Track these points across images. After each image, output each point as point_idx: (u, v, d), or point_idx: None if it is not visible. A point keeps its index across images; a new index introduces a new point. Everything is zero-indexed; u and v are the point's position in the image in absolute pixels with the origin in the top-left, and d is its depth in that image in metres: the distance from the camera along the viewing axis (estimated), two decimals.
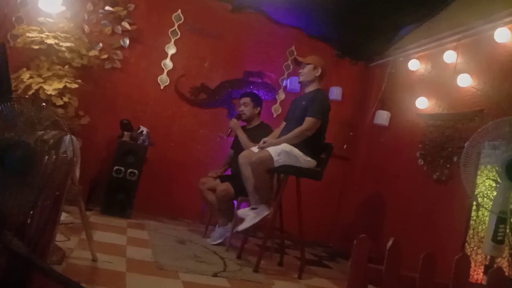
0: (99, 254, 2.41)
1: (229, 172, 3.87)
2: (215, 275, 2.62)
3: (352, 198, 4.69)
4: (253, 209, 2.95)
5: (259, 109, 3.81)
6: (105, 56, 4.12)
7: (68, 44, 3.60)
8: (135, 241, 3.06)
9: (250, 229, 3.05)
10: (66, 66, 3.68)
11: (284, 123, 3.36)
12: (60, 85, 3.50)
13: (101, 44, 4.12)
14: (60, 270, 2.01)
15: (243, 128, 3.74)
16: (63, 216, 3.13)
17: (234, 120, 3.74)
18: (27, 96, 3.39)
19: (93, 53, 3.88)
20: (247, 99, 3.80)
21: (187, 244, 3.29)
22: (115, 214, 3.73)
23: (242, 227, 2.95)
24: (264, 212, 2.91)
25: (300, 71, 3.26)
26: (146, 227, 3.60)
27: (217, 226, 3.55)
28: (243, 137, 3.59)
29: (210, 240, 3.50)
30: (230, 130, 3.76)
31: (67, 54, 3.62)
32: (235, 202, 3.50)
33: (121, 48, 4.25)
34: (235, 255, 3.21)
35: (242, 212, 3.02)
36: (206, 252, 3.16)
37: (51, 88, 3.47)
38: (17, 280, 1.65)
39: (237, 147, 3.67)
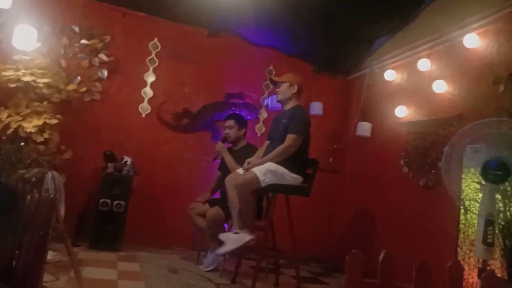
0: None
1: (217, 195, 3.85)
2: None
3: (343, 210, 4.69)
4: (236, 233, 2.92)
5: (244, 130, 3.83)
6: (84, 89, 4.09)
7: (45, 80, 3.56)
8: (126, 275, 2.99)
9: (231, 253, 3.02)
10: (44, 102, 3.64)
11: (267, 142, 3.37)
12: (40, 122, 3.46)
13: (79, 78, 4.10)
14: None
15: (229, 150, 3.74)
16: (51, 255, 3.05)
17: (220, 144, 3.74)
18: (4, 137, 3.35)
19: (71, 87, 3.86)
20: (231, 122, 3.81)
21: (179, 273, 3.23)
22: (104, 248, 3.64)
23: (222, 250, 2.91)
24: (245, 237, 2.86)
25: (277, 90, 3.30)
26: (137, 259, 3.53)
27: (209, 251, 3.50)
28: (230, 161, 3.58)
29: (203, 267, 3.45)
30: (216, 154, 3.75)
31: (45, 90, 3.58)
32: (225, 225, 3.46)
33: (100, 79, 4.23)
34: (229, 280, 3.16)
35: (225, 236, 2.97)
36: (200, 280, 3.10)
37: (30, 125, 3.43)
38: None
39: (224, 169, 3.66)
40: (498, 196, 2.33)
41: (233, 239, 2.87)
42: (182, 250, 4.16)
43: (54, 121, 3.51)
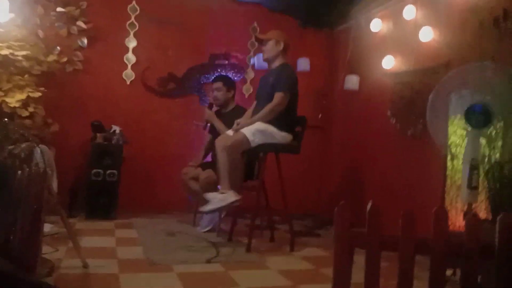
0: (90, 260, 2.39)
1: (209, 158, 3.87)
2: (208, 261, 2.65)
3: (333, 166, 4.76)
4: (222, 193, 2.95)
5: (232, 92, 3.79)
6: (65, 59, 3.99)
7: (24, 53, 3.46)
8: (124, 241, 3.05)
9: (214, 212, 3.09)
10: (26, 76, 3.56)
11: (255, 102, 3.35)
12: (23, 96, 3.40)
13: (59, 48, 3.99)
14: (51, 282, 2.00)
15: (219, 113, 3.72)
16: (48, 227, 3.10)
17: (208, 111, 3.70)
18: None
19: (51, 58, 3.76)
20: (219, 84, 3.75)
21: (177, 236, 3.30)
22: (100, 218, 3.70)
23: (206, 208, 2.94)
24: (231, 198, 2.89)
25: (263, 48, 3.25)
26: (134, 225, 3.59)
27: (204, 213, 3.56)
28: (220, 127, 3.56)
29: (200, 228, 3.52)
30: (207, 123, 3.72)
31: (24, 63, 3.49)
32: (219, 187, 3.50)
33: (80, 48, 4.12)
34: (226, 239, 3.24)
35: (211, 194, 2.99)
36: (197, 241, 3.18)
37: (14, 100, 3.37)
38: None
39: (215, 132, 3.66)
40: (483, 141, 2.38)
41: (218, 198, 2.91)
42: (178, 213, 4.22)
43: (38, 94, 3.45)
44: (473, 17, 2.95)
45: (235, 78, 4.52)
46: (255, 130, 2.99)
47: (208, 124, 3.72)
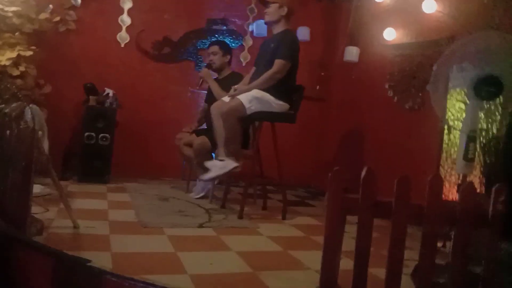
0: (81, 221, 2.38)
1: (205, 125, 3.82)
2: (200, 226, 2.65)
3: (330, 138, 4.73)
4: (221, 160, 2.92)
5: (229, 57, 3.70)
6: (58, 18, 3.87)
7: (14, 9, 3.35)
8: (117, 204, 3.04)
9: (215, 180, 3.08)
10: (16, 33, 3.45)
11: (254, 68, 3.28)
12: (13, 54, 3.31)
13: (51, 6, 3.85)
14: (41, 241, 1.99)
15: (214, 79, 3.65)
16: (40, 188, 3.08)
17: (205, 69, 3.62)
18: None
19: (43, 16, 3.64)
20: (215, 48, 3.66)
21: (170, 201, 3.30)
22: (93, 181, 3.67)
23: (206, 176, 2.94)
24: (231, 164, 2.87)
25: (266, 10, 3.13)
26: (127, 190, 3.58)
27: (197, 180, 3.55)
28: (215, 87, 3.49)
29: (193, 194, 3.52)
30: (201, 80, 3.64)
31: (15, 20, 3.38)
32: (213, 154, 3.48)
33: (74, 7, 3.99)
34: (219, 205, 3.24)
35: (211, 163, 2.98)
36: (190, 206, 3.18)
37: (4, 58, 3.28)
38: None
39: (211, 100, 3.59)
40: (481, 115, 2.35)
41: (218, 165, 2.89)
42: (171, 180, 4.21)
43: (29, 52, 3.36)
44: None
45: (233, 45, 4.42)
46: (251, 97, 2.93)
47: (202, 81, 3.62)
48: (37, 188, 2.94)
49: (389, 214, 1.43)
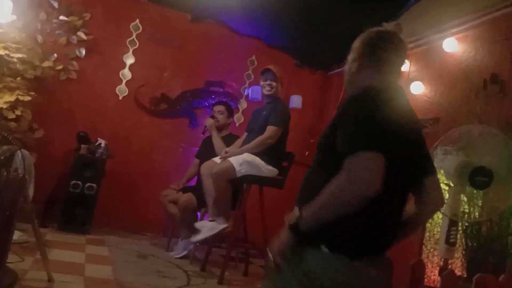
0: (56, 274, 2.31)
1: (192, 182, 3.83)
2: None
3: None
4: (211, 221, 2.93)
5: (231, 119, 3.86)
6: (60, 67, 3.98)
7: (19, 55, 3.44)
8: (94, 258, 2.95)
9: (205, 241, 3.04)
10: (18, 78, 3.53)
11: (245, 134, 3.37)
12: (12, 98, 3.36)
13: (55, 55, 3.99)
14: None
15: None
16: (17, 235, 2.99)
17: (210, 120, 3.71)
18: None
19: (47, 64, 3.76)
20: (222, 107, 3.81)
21: (149, 259, 3.22)
22: (73, 231, 3.58)
23: (197, 237, 2.93)
24: (221, 225, 2.89)
25: (272, 83, 3.24)
26: (106, 243, 3.49)
27: (180, 239, 3.50)
28: (217, 139, 3.55)
29: (174, 254, 3.44)
30: (206, 128, 3.72)
31: (18, 66, 3.47)
32: (198, 214, 3.46)
33: (77, 58, 4.12)
34: (199, 267, 3.17)
35: (200, 223, 2.99)
36: (169, 266, 3.10)
37: (2, 101, 3.33)
38: None
39: (203, 156, 3.64)
40: (464, 198, 2.42)
41: (208, 226, 2.89)
42: (152, 236, 4.13)
43: (27, 98, 3.41)
44: (464, 77, 3.07)
45: None
46: (242, 160, 2.99)
47: (206, 129, 3.69)
48: (14, 235, 2.86)
49: None
